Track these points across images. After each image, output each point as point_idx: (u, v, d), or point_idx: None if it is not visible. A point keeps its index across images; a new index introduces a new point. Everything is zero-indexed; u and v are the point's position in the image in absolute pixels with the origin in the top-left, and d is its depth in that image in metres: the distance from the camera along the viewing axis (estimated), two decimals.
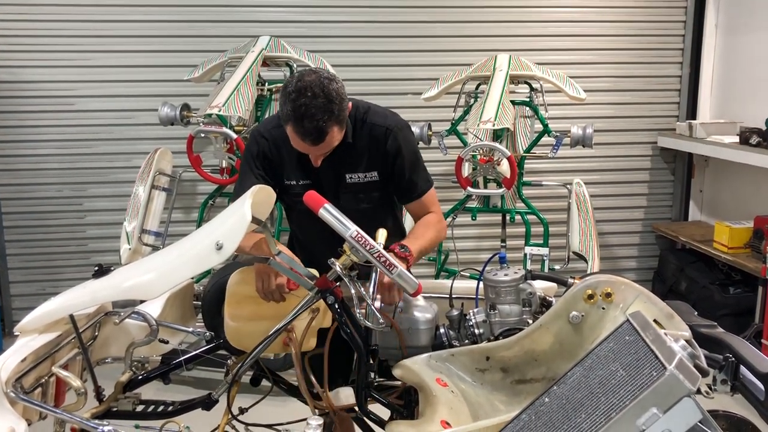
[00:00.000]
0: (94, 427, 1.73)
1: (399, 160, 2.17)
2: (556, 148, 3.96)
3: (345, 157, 2.15)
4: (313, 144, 1.97)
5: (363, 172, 2.18)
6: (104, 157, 4.67)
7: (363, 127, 2.15)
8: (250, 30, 4.50)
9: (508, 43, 4.73)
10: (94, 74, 4.58)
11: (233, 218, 1.69)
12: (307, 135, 1.94)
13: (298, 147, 2.02)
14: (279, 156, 2.18)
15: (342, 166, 2.17)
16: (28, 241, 4.70)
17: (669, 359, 1.16)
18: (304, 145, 1.99)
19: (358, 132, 2.15)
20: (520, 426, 1.35)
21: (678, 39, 5.01)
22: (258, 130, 2.24)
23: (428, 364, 1.82)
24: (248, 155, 2.22)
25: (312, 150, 2.02)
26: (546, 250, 3.92)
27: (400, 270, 1.68)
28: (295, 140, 1.99)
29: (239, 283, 1.98)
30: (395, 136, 2.16)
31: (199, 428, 1.81)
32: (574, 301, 1.78)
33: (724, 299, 4.32)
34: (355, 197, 2.19)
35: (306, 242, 2.32)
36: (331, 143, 2.00)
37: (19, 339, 1.83)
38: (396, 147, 2.16)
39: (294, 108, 1.91)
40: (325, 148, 2.02)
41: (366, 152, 2.17)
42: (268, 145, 2.18)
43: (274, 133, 2.18)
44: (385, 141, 2.15)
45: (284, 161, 2.18)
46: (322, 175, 2.16)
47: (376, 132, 2.15)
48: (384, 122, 2.17)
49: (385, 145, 2.15)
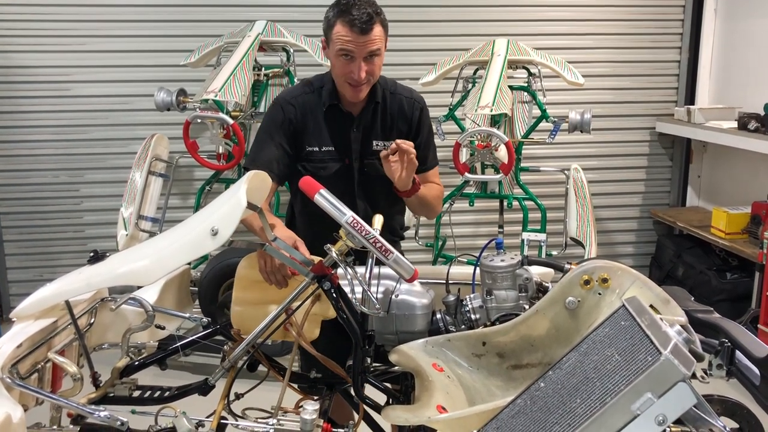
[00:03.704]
0: (91, 413, 1.73)
1: (420, 132, 2.33)
2: (554, 133, 3.95)
3: (373, 124, 2.28)
4: (361, 33, 2.06)
5: (389, 140, 2.26)
6: (100, 142, 4.65)
7: (392, 97, 2.30)
8: (247, 14, 4.47)
9: (506, 28, 4.71)
10: (90, 59, 4.55)
11: (228, 204, 1.68)
12: (356, 22, 2.04)
13: (346, 45, 2.08)
14: (303, 123, 2.25)
15: (370, 132, 2.28)
16: (24, 227, 4.69)
17: (664, 344, 1.16)
18: (354, 37, 2.06)
19: (387, 101, 2.29)
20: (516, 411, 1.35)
21: (677, 24, 4.99)
22: (282, 98, 2.30)
23: (424, 349, 1.82)
24: (269, 124, 2.27)
25: (360, 45, 2.07)
26: (543, 235, 3.92)
27: (396, 255, 1.68)
28: (342, 36, 2.08)
29: (248, 268, 1.98)
30: (421, 108, 2.33)
31: (196, 413, 1.81)
32: (570, 286, 1.78)
33: (721, 284, 4.34)
34: (380, 163, 2.25)
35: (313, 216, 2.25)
36: (378, 39, 2.10)
37: (15, 325, 1.83)
38: (420, 119, 2.32)
39: (342, 5, 2.08)
40: (370, 44, 2.09)
41: (393, 121, 2.30)
42: (295, 111, 2.25)
43: (300, 100, 2.27)
44: (411, 112, 2.31)
45: (308, 128, 2.26)
46: (349, 141, 2.26)
47: (404, 103, 2.31)
48: (411, 95, 2.34)
49: (411, 115, 2.31)
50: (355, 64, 2.11)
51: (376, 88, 2.26)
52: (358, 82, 2.13)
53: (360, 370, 1.83)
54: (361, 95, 2.19)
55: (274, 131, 2.25)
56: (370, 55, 2.11)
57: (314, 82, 2.32)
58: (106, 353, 2.13)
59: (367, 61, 2.12)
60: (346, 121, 2.27)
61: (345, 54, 2.11)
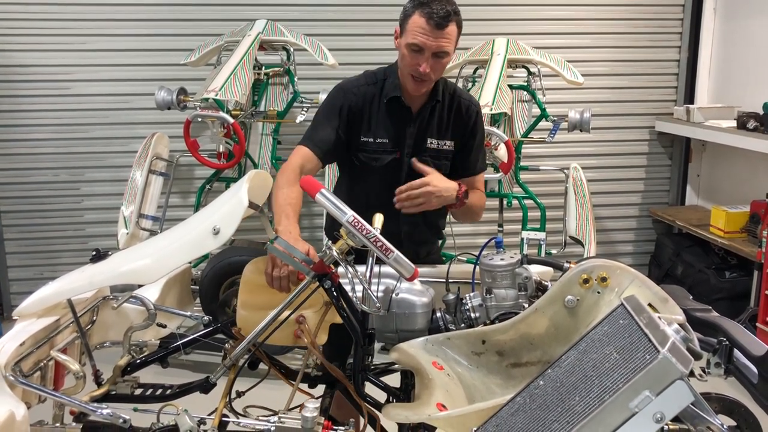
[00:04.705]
0: (93, 410, 1.74)
1: (475, 136, 2.36)
2: (554, 132, 3.96)
3: (430, 122, 2.29)
4: (436, 27, 2.06)
5: (443, 139, 2.31)
6: (101, 141, 4.66)
7: (452, 98, 2.32)
8: (247, 14, 4.48)
9: (505, 27, 4.71)
10: (91, 58, 4.55)
11: (230, 203, 1.69)
12: (433, 15, 2.05)
13: (418, 38, 2.09)
14: (362, 113, 2.27)
15: (426, 129, 2.30)
16: (25, 225, 4.70)
17: (662, 343, 1.16)
18: (429, 30, 2.07)
19: (447, 101, 2.31)
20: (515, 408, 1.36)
21: (676, 23, 5.00)
22: (345, 86, 2.32)
23: (424, 347, 1.83)
24: (328, 107, 2.28)
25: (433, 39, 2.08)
26: (543, 234, 3.94)
27: (396, 254, 1.69)
28: (417, 27, 2.08)
29: (254, 272, 1.97)
30: (477, 113, 2.36)
31: (198, 411, 1.82)
32: (569, 285, 1.79)
33: (720, 283, 4.34)
34: (432, 162, 2.29)
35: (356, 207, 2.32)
36: (450, 38, 2.11)
37: (17, 323, 1.84)
38: (476, 123, 2.35)
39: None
40: (442, 41, 2.09)
41: (451, 122, 2.32)
42: (356, 100, 2.27)
43: (362, 90, 2.29)
44: (469, 115, 2.33)
45: (365, 118, 2.28)
46: (404, 135, 2.28)
47: (463, 106, 2.33)
48: (470, 99, 2.37)
49: (468, 119, 2.33)
50: (423, 57, 2.12)
51: (438, 86, 2.28)
52: (422, 76, 2.14)
53: (360, 368, 1.84)
54: (422, 89, 2.20)
55: (332, 115, 2.26)
56: (439, 53, 2.12)
57: (378, 73, 2.33)
58: (107, 351, 2.14)
59: (435, 58, 2.13)
60: (404, 115, 2.28)
61: (415, 45, 2.11)
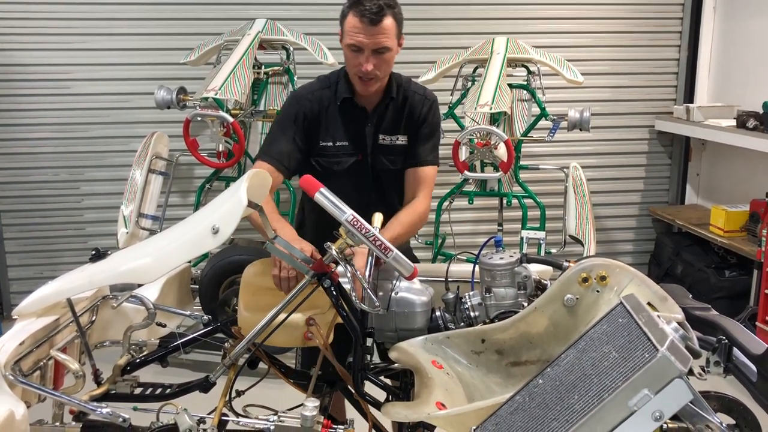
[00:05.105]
0: (93, 409, 1.74)
1: (423, 127, 2.33)
2: (553, 131, 3.96)
3: (384, 118, 2.29)
4: (370, 24, 2.07)
5: (395, 135, 2.30)
6: (101, 140, 4.66)
7: (405, 93, 2.32)
8: (247, 13, 4.48)
9: (505, 26, 4.72)
10: (90, 57, 4.56)
11: (229, 202, 1.69)
12: (366, 13, 2.06)
13: (354, 37, 2.10)
14: (318, 118, 2.27)
15: (380, 126, 2.30)
16: (25, 225, 4.70)
17: (661, 341, 1.17)
18: (362, 28, 2.07)
19: (400, 97, 2.30)
20: (514, 407, 1.36)
21: (676, 22, 5.00)
22: (299, 93, 2.33)
23: (424, 346, 1.83)
24: (284, 117, 2.29)
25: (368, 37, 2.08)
26: (543, 233, 3.93)
27: (396, 254, 1.69)
28: (352, 27, 2.10)
29: (256, 275, 1.97)
30: (432, 105, 2.35)
31: (197, 410, 1.82)
32: (568, 284, 1.79)
33: (719, 282, 4.35)
34: (386, 158, 2.31)
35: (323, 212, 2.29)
36: (387, 33, 2.10)
37: (17, 323, 1.84)
38: (428, 114, 2.33)
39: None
40: (379, 37, 2.09)
41: (403, 117, 2.31)
42: (311, 106, 2.26)
43: (316, 95, 2.28)
44: (421, 107, 2.32)
45: (322, 123, 2.27)
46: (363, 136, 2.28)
47: (416, 99, 2.32)
48: (423, 92, 2.36)
49: (420, 111, 2.32)
50: (363, 56, 2.11)
51: (391, 83, 2.27)
52: (366, 75, 2.13)
53: (360, 367, 1.84)
54: (370, 89, 2.20)
55: (287, 125, 2.26)
56: (379, 49, 2.11)
57: (331, 76, 2.33)
58: (107, 351, 2.14)
59: (376, 55, 2.12)
60: (360, 115, 2.28)
61: (354, 45, 2.12)
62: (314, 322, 1.87)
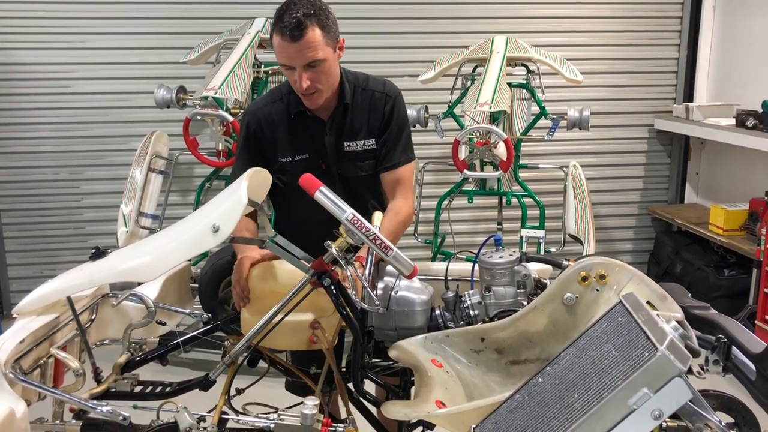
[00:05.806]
0: (93, 408, 1.75)
1: (391, 126, 2.22)
2: (553, 130, 3.95)
3: (344, 124, 2.19)
4: (292, 40, 1.94)
5: (362, 140, 2.21)
6: (100, 139, 4.65)
7: (363, 94, 2.21)
8: (246, 12, 4.47)
9: (505, 25, 4.71)
10: (90, 56, 4.55)
11: (229, 201, 1.69)
12: (286, 29, 1.94)
13: (282, 57, 2.00)
14: (272, 134, 2.18)
15: (342, 134, 2.19)
16: (25, 224, 4.70)
17: (660, 340, 1.17)
18: (285, 46, 1.97)
19: (358, 99, 2.19)
20: (514, 406, 1.36)
21: (675, 21, 4.99)
22: (249, 110, 2.23)
23: (424, 345, 1.83)
24: (242, 138, 2.23)
25: (294, 54, 1.97)
26: (542, 232, 3.93)
27: (396, 252, 1.69)
28: (278, 47, 1.99)
29: (259, 278, 1.97)
30: (393, 102, 2.22)
31: (197, 408, 1.83)
32: (568, 282, 1.79)
33: (718, 281, 4.35)
34: (354, 165, 2.21)
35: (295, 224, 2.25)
36: (314, 45, 1.96)
37: (17, 321, 1.85)
38: (392, 111, 2.21)
39: (277, 11, 1.97)
40: (306, 51, 1.96)
41: (366, 120, 2.21)
42: (260, 123, 2.18)
43: (265, 110, 2.19)
44: (383, 105, 2.20)
45: (277, 139, 2.18)
46: (323, 146, 2.18)
47: (375, 98, 2.21)
48: (383, 89, 2.23)
49: (382, 109, 2.20)
50: (296, 73, 2.01)
51: (344, 88, 2.17)
52: (305, 91, 2.03)
53: (360, 366, 1.84)
54: (317, 102, 2.09)
55: (245, 146, 2.20)
56: (310, 63, 1.99)
57: (282, 88, 2.22)
58: (107, 349, 2.14)
59: (310, 70, 2.00)
60: (317, 126, 2.18)
61: (284, 65, 2.02)
62: (319, 325, 1.88)
